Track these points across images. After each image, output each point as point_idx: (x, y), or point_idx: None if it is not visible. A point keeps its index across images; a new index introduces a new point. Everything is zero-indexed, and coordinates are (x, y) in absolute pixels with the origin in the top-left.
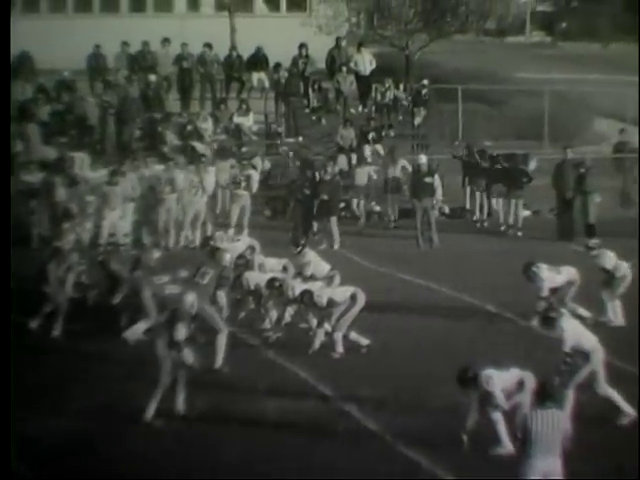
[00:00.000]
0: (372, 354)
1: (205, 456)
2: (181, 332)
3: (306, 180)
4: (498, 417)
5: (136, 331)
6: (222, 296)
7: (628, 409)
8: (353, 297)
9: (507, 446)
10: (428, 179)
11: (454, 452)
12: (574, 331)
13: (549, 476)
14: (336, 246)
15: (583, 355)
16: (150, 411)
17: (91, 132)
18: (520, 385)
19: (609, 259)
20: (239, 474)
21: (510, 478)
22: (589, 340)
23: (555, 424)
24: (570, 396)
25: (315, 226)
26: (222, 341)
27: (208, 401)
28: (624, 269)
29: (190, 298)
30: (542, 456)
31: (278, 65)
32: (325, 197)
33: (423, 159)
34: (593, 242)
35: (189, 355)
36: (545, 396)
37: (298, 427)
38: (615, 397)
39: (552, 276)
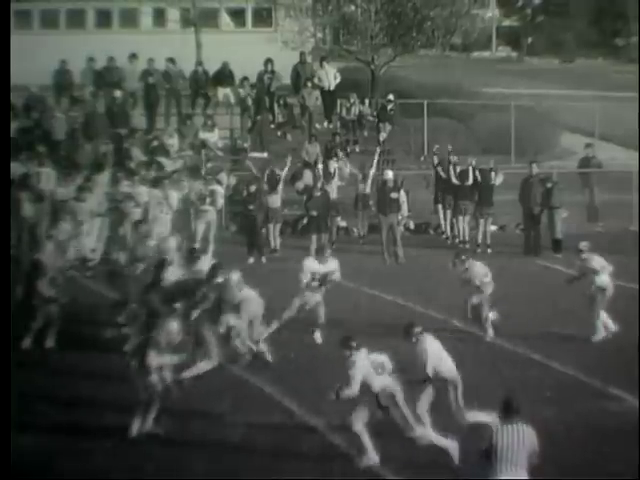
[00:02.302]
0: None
1: (171, 473)
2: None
3: (250, 194)
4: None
5: None
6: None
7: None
8: None
9: (373, 457)
10: (394, 194)
11: (420, 468)
12: (435, 354)
13: None
14: None
15: (442, 381)
16: (134, 429)
17: (58, 148)
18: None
19: (597, 262)
20: None
21: None
22: (449, 368)
23: (521, 439)
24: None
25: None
26: (206, 367)
27: (173, 417)
28: (606, 279)
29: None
30: (508, 471)
31: (245, 79)
32: (314, 213)
33: (389, 174)
34: (584, 244)
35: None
36: (510, 411)
37: (263, 443)
38: (479, 417)
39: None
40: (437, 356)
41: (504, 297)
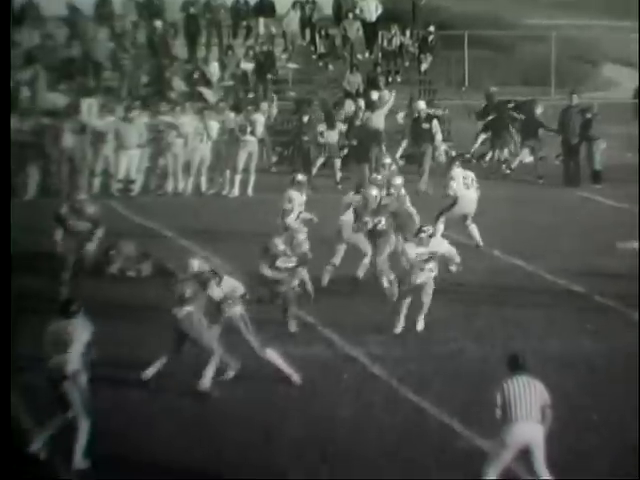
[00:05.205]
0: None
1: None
2: None
3: (304, 126)
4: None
5: None
6: None
7: None
8: None
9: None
10: (425, 125)
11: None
12: None
13: (531, 442)
14: None
15: None
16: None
17: (100, 77)
18: None
19: None
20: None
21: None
22: None
23: (530, 390)
24: None
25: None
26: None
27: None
28: None
29: None
30: (521, 422)
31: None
32: (355, 143)
33: (422, 105)
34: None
35: None
36: (516, 366)
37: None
38: None
39: None
40: None
41: (547, 229)
